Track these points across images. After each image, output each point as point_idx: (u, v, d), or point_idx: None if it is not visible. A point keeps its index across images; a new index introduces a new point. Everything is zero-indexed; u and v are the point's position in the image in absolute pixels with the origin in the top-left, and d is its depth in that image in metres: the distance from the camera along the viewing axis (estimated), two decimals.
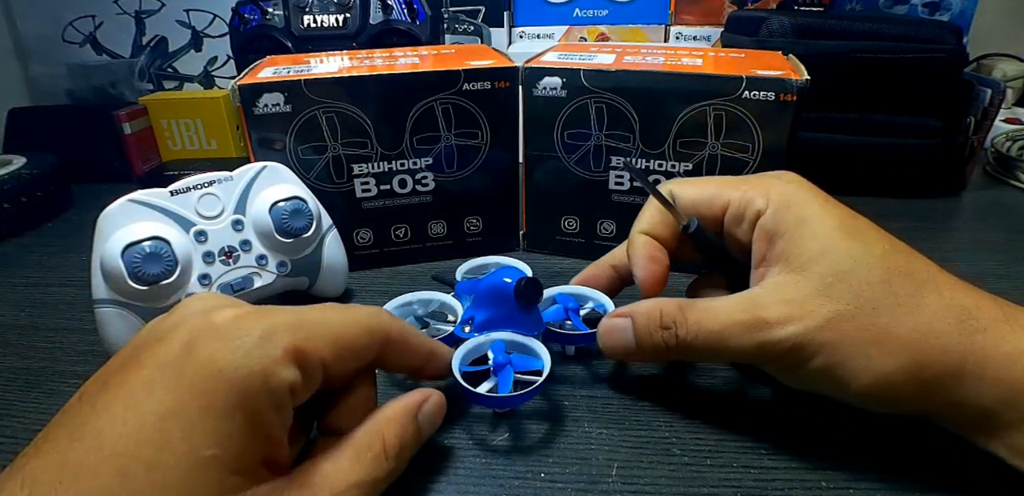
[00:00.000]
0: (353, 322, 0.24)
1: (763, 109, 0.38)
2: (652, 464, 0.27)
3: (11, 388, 0.34)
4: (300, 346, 0.22)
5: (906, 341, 0.24)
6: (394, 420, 0.25)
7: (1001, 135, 0.67)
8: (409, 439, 0.25)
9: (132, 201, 0.33)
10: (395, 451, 0.24)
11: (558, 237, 0.47)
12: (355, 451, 0.23)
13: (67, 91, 0.76)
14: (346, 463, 0.23)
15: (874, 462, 0.27)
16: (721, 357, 0.28)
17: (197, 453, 0.19)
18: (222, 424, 0.20)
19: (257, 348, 0.21)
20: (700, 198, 0.30)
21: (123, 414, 0.19)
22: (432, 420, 0.27)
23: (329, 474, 0.22)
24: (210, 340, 0.21)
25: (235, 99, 0.40)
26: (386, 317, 0.26)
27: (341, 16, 0.58)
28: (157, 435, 0.19)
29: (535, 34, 0.82)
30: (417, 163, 0.44)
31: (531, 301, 0.30)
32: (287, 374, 0.21)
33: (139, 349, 0.22)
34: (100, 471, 0.19)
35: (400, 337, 0.26)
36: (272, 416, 0.21)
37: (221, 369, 0.20)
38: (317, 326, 0.23)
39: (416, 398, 0.26)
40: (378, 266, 0.46)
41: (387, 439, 0.24)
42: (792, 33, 0.56)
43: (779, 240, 0.27)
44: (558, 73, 0.41)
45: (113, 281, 0.32)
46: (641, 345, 0.28)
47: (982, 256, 0.47)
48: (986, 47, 0.80)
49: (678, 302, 0.28)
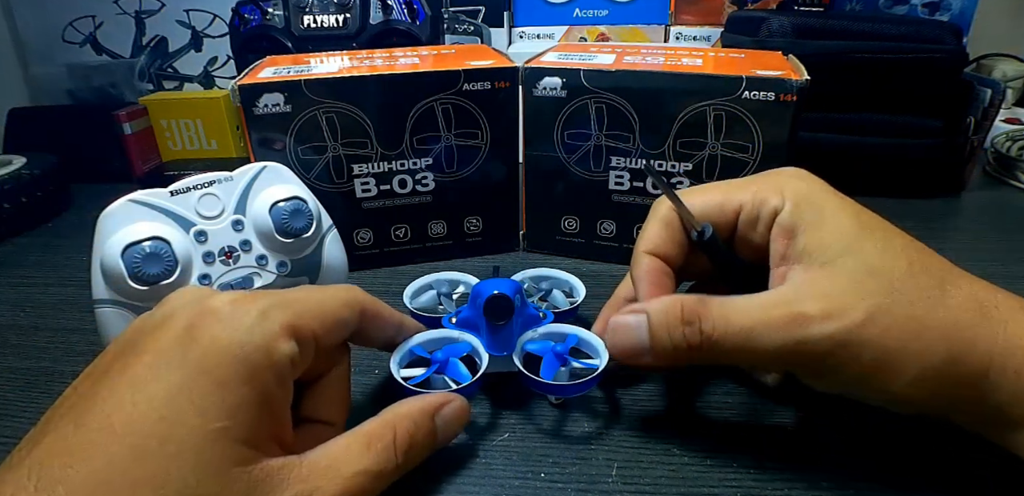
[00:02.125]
0: (332, 298, 0.25)
1: (763, 109, 0.38)
2: (652, 464, 0.27)
3: (11, 388, 0.34)
4: (294, 322, 0.23)
5: (941, 334, 0.23)
6: (408, 416, 0.25)
7: (1001, 135, 0.67)
8: (421, 438, 0.25)
9: (132, 201, 0.33)
10: (405, 447, 0.24)
11: (558, 237, 0.47)
12: (366, 440, 0.24)
13: (67, 91, 0.76)
14: (356, 450, 0.23)
15: (874, 462, 0.27)
16: (750, 358, 0.25)
17: (210, 425, 0.20)
18: (232, 397, 0.21)
19: (257, 326, 0.22)
20: (708, 206, 0.29)
21: (131, 397, 0.20)
22: (451, 424, 0.26)
23: (339, 458, 0.23)
24: (210, 322, 0.22)
25: (235, 99, 0.40)
26: (359, 292, 0.27)
27: (341, 16, 0.58)
28: (168, 412, 0.20)
29: (535, 34, 0.82)
30: (417, 163, 0.44)
31: (495, 319, 0.30)
32: (287, 348, 0.22)
33: (134, 341, 0.22)
34: (112, 449, 0.19)
35: (374, 309, 0.27)
36: (277, 390, 0.22)
37: (226, 346, 0.21)
38: (303, 304, 0.24)
39: (438, 399, 0.26)
40: (378, 266, 0.46)
41: (399, 433, 0.24)
42: (792, 33, 0.56)
43: (800, 236, 0.26)
44: (558, 73, 0.41)
45: (113, 281, 0.32)
46: (657, 344, 0.25)
47: (982, 256, 0.47)
48: (986, 47, 0.80)
49: (699, 297, 0.25)
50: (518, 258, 0.48)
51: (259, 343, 0.22)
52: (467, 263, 0.47)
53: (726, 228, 0.29)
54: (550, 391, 0.29)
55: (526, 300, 0.33)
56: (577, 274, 0.37)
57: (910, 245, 0.26)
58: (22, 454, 0.19)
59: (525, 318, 0.32)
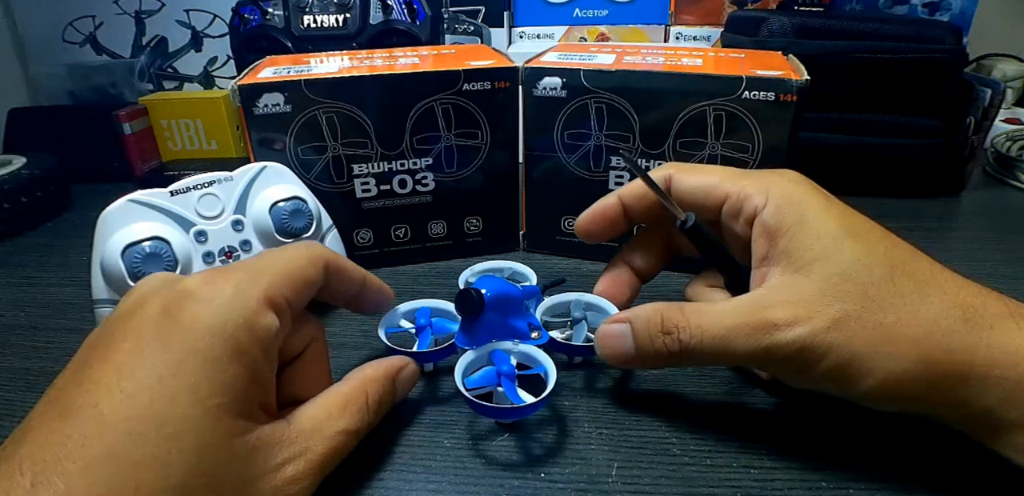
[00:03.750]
0: (297, 257, 0.26)
1: (763, 109, 0.38)
2: (652, 464, 0.27)
3: (11, 388, 0.34)
4: (269, 293, 0.24)
5: (914, 340, 0.23)
6: (375, 380, 0.28)
7: (1001, 135, 0.67)
8: (386, 397, 0.28)
9: (132, 201, 0.33)
10: (375, 406, 0.27)
11: (558, 237, 0.47)
12: (343, 402, 0.26)
13: (67, 91, 0.76)
14: (336, 412, 0.25)
15: (874, 462, 0.27)
16: (726, 361, 0.27)
17: (204, 403, 0.20)
18: (222, 374, 0.21)
19: (235, 301, 0.23)
20: (699, 187, 0.30)
21: (118, 384, 0.20)
22: (406, 385, 0.30)
23: (322, 420, 0.25)
24: (187, 303, 0.22)
25: (235, 99, 0.40)
26: (320, 247, 0.28)
27: (341, 16, 0.58)
28: (160, 394, 0.20)
29: (535, 34, 0.82)
30: (417, 163, 0.44)
31: (464, 313, 0.30)
32: (268, 320, 0.23)
33: (109, 332, 0.22)
34: (106, 436, 0.19)
35: (337, 263, 0.28)
36: (263, 361, 0.23)
37: (209, 326, 0.22)
38: (272, 270, 0.25)
39: (396, 363, 0.29)
40: (378, 266, 0.46)
41: (370, 395, 0.27)
42: (792, 33, 0.56)
43: (781, 239, 0.27)
44: (558, 73, 0.41)
45: (113, 281, 0.32)
46: (642, 351, 0.27)
47: (982, 256, 0.47)
48: (986, 47, 0.80)
49: (679, 306, 0.27)
50: (518, 258, 0.48)
51: (239, 320, 0.22)
52: (467, 263, 0.47)
53: (710, 213, 0.30)
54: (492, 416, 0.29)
55: (529, 312, 0.32)
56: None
57: (894, 250, 0.26)
58: (6, 452, 0.19)
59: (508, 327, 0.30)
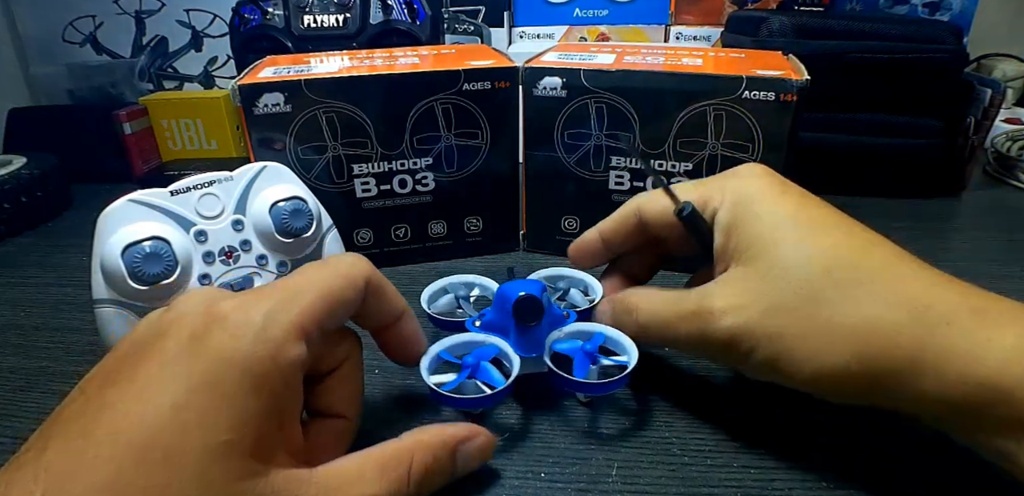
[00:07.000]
0: (335, 275, 0.25)
1: (763, 109, 0.38)
2: (652, 464, 0.27)
3: (11, 388, 0.34)
4: (301, 321, 0.22)
5: (850, 333, 0.23)
6: (429, 447, 0.24)
7: (1001, 135, 0.67)
8: (438, 471, 0.24)
9: (132, 201, 0.33)
10: (419, 478, 0.24)
11: (558, 237, 0.47)
12: (381, 465, 0.23)
13: (67, 91, 0.76)
14: (369, 475, 0.23)
15: (874, 462, 0.27)
16: (673, 345, 0.31)
17: (214, 439, 0.20)
18: (237, 410, 0.20)
19: (262, 332, 0.22)
20: (665, 208, 0.30)
21: (136, 408, 0.20)
22: (471, 460, 0.26)
23: (351, 480, 0.22)
24: (215, 331, 0.21)
25: (235, 99, 0.40)
26: (364, 262, 0.26)
27: (341, 16, 0.58)
28: (173, 425, 0.19)
29: (535, 34, 0.82)
30: (417, 163, 0.44)
31: (525, 320, 0.29)
32: (295, 351, 0.22)
33: (140, 345, 0.22)
34: (117, 462, 0.19)
35: (379, 283, 0.27)
36: (286, 394, 0.22)
37: (231, 358, 0.21)
38: (307, 295, 0.23)
39: (462, 432, 0.26)
40: (378, 266, 0.46)
41: (415, 463, 0.24)
42: (792, 33, 0.56)
43: (733, 235, 0.27)
44: (558, 73, 0.41)
45: (113, 281, 0.32)
46: (617, 326, 0.30)
47: (982, 256, 0.47)
48: (986, 47, 0.80)
49: (647, 290, 0.30)
50: (519, 258, 0.48)
51: (263, 353, 0.21)
52: (467, 263, 0.47)
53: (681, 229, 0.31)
54: (583, 389, 0.30)
55: (551, 300, 0.32)
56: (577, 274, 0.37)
57: (846, 241, 0.26)
58: (29, 456, 0.19)
59: (552, 318, 0.31)
